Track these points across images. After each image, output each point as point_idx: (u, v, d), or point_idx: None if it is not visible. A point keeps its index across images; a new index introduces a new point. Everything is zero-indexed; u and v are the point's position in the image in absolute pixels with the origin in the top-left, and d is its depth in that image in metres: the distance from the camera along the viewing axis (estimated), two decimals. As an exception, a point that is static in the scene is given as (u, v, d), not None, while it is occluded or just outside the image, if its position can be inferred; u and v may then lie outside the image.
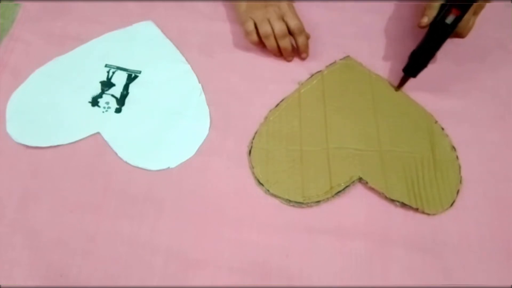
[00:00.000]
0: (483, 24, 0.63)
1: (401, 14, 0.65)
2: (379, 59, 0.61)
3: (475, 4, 0.51)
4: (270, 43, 0.58)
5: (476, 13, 0.54)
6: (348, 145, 0.53)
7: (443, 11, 0.51)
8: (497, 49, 0.61)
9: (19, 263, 0.46)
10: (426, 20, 0.53)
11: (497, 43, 0.62)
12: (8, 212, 0.48)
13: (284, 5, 0.57)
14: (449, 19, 0.51)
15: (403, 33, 0.63)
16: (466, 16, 0.52)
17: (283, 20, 0.57)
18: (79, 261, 0.46)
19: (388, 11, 0.66)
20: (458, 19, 0.51)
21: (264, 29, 0.57)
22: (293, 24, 0.57)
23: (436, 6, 0.53)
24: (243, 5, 0.60)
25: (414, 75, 0.55)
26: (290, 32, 0.58)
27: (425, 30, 0.53)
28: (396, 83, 0.57)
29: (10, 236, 0.47)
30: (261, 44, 0.59)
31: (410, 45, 0.58)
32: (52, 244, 0.47)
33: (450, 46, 0.62)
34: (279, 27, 0.56)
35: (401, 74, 0.56)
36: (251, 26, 0.57)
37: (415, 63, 0.54)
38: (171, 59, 0.60)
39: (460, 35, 0.55)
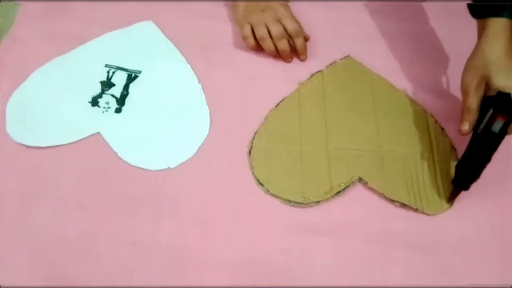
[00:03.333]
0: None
1: (401, 14, 0.65)
2: (379, 59, 0.61)
3: None
4: (267, 45, 0.58)
5: None
6: (348, 145, 0.53)
7: (487, 118, 0.45)
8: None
9: (19, 263, 0.46)
10: (467, 128, 0.47)
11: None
12: (8, 212, 0.48)
13: (280, 8, 0.58)
14: (496, 127, 0.44)
15: (403, 33, 0.63)
16: None
17: (281, 23, 0.57)
18: (79, 261, 0.46)
19: (388, 11, 0.66)
20: (506, 124, 0.44)
21: (260, 32, 0.57)
22: (290, 26, 0.57)
23: (474, 109, 0.46)
24: (241, 10, 0.60)
25: (466, 188, 0.48)
26: (288, 35, 0.58)
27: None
28: (396, 82, 0.57)
29: (10, 236, 0.47)
30: (259, 48, 0.59)
31: (410, 45, 0.58)
32: (52, 244, 0.47)
33: (450, 46, 0.62)
34: (276, 29, 0.57)
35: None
36: (248, 31, 0.58)
37: (465, 175, 0.47)
38: (171, 59, 0.60)
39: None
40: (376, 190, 0.50)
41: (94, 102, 0.56)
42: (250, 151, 0.53)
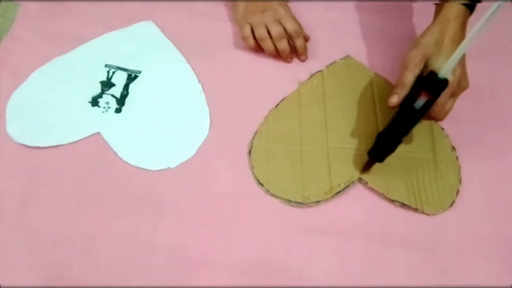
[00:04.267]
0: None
1: (401, 14, 0.65)
2: (379, 59, 0.61)
3: (451, 87, 0.45)
4: (267, 45, 0.58)
5: (454, 95, 0.48)
6: (348, 145, 0.53)
7: (413, 92, 0.45)
8: (497, 49, 0.61)
9: (19, 263, 0.46)
10: (395, 100, 0.47)
11: (497, 43, 0.62)
12: (8, 212, 0.48)
13: (280, 9, 0.58)
14: (419, 103, 0.44)
15: (403, 33, 0.63)
16: (442, 99, 0.45)
17: (280, 23, 0.57)
18: (79, 261, 0.46)
19: (388, 11, 0.66)
20: (429, 103, 0.44)
21: (260, 32, 0.57)
22: (290, 27, 0.57)
23: (407, 84, 0.47)
24: (241, 10, 0.60)
25: (381, 160, 0.49)
26: (288, 35, 0.58)
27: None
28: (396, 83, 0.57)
29: (10, 236, 0.47)
30: (259, 48, 0.59)
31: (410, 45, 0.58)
32: (52, 244, 0.47)
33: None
34: (276, 30, 0.57)
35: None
36: (247, 32, 0.58)
37: (381, 147, 0.48)
38: (171, 59, 0.60)
39: (436, 119, 0.48)
40: (376, 190, 0.50)
41: (94, 102, 0.56)
42: (250, 151, 0.53)
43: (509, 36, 0.63)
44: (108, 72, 0.58)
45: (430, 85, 0.44)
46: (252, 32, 0.58)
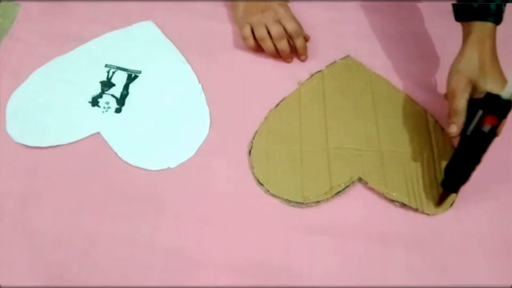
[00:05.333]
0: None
1: (401, 14, 0.65)
2: (379, 59, 0.61)
3: None
4: (267, 45, 0.58)
5: None
6: (348, 145, 0.53)
7: (477, 119, 0.44)
8: (497, 49, 0.61)
9: (19, 263, 0.46)
10: (455, 130, 0.46)
11: (497, 43, 0.62)
12: (8, 212, 0.48)
13: (280, 9, 0.58)
14: (486, 128, 0.43)
15: (403, 33, 0.63)
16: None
17: (280, 23, 0.57)
18: (79, 261, 0.46)
19: (388, 11, 0.66)
20: (495, 125, 0.43)
21: (260, 32, 0.57)
22: (290, 27, 0.57)
23: (462, 112, 0.46)
24: (241, 10, 0.60)
25: (456, 191, 0.48)
26: (288, 36, 0.58)
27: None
28: (396, 82, 0.57)
29: (10, 236, 0.47)
30: (259, 48, 0.59)
31: (410, 45, 0.58)
32: (52, 244, 0.47)
33: (450, 46, 0.62)
34: (276, 30, 0.57)
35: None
36: (247, 32, 0.58)
37: (455, 178, 0.47)
38: (171, 59, 0.60)
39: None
40: (376, 190, 0.50)
41: (94, 102, 0.56)
42: (250, 151, 0.53)
43: (509, 36, 0.63)
44: (108, 72, 0.58)
45: (496, 108, 0.44)
46: (252, 32, 0.58)
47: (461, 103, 0.46)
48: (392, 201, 0.49)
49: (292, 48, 0.59)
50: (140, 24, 0.63)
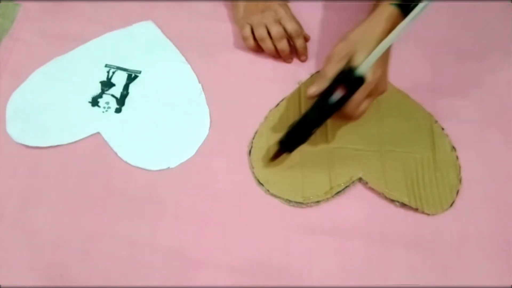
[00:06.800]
0: (483, 24, 0.63)
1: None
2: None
3: (367, 86, 0.45)
4: (267, 46, 0.58)
5: (370, 96, 0.49)
6: (348, 145, 0.53)
7: (330, 86, 0.45)
8: (497, 49, 0.61)
9: (19, 263, 0.46)
10: (313, 91, 0.47)
11: (497, 43, 0.62)
12: (8, 212, 0.48)
13: (280, 9, 0.58)
14: (334, 98, 0.45)
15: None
16: (357, 97, 0.46)
17: (280, 24, 0.57)
18: (79, 261, 0.46)
19: (388, 11, 0.65)
20: (343, 99, 0.45)
21: (259, 32, 0.57)
22: (290, 27, 0.57)
23: (328, 77, 0.46)
24: (241, 10, 0.60)
25: (290, 150, 0.49)
26: (288, 36, 0.58)
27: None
28: (396, 82, 0.57)
29: (10, 236, 0.47)
30: (259, 49, 0.59)
31: (411, 45, 0.58)
32: (52, 244, 0.47)
33: (450, 45, 0.62)
34: (276, 30, 0.57)
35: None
36: (247, 32, 0.58)
37: (293, 138, 0.48)
38: (171, 59, 0.60)
39: (349, 117, 0.49)
40: (376, 190, 0.50)
41: (94, 102, 0.56)
42: (250, 151, 0.53)
43: (509, 36, 0.63)
44: (108, 72, 0.58)
45: (347, 80, 0.45)
46: (252, 32, 0.58)
47: (332, 69, 0.47)
48: (392, 201, 0.49)
49: (292, 48, 0.59)
50: (140, 24, 0.63)
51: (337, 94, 0.45)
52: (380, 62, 0.45)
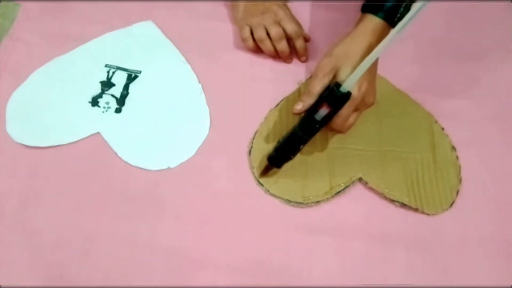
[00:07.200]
0: (483, 24, 0.63)
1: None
2: (379, 59, 0.60)
3: (353, 102, 0.46)
4: (266, 46, 0.58)
5: (358, 110, 0.49)
6: (348, 145, 0.53)
7: (316, 102, 0.46)
8: (497, 49, 0.61)
9: (19, 263, 0.46)
10: (299, 108, 0.47)
11: (497, 43, 0.62)
12: (8, 212, 0.48)
13: (280, 11, 0.58)
14: (320, 114, 0.45)
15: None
16: (344, 112, 0.46)
17: (280, 25, 0.57)
18: (79, 261, 0.46)
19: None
20: (329, 115, 0.45)
21: (258, 33, 0.57)
22: (289, 28, 0.57)
23: (314, 94, 0.46)
24: (240, 11, 0.60)
25: (278, 166, 0.50)
26: (288, 37, 0.58)
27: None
28: (396, 82, 0.57)
29: (10, 236, 0.47)
30: (258, 50, 0.59)
31: (411, 45, 0.58)
32: (52, 244, 0.47)
33: (449, 45, 0.62)
34: (275, 31, 0.57)
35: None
36: (247, 33, 0.58)
37: (280, 154, 0.48)
38: (171, 59, 0.60)
39: (337, 131, 0.50)
40: (376, 190, 0.50)
41: (94, 102, 0.56)
42: (250, 151, 0.53)
43: (509, 36, 0.63)
44: (108, 72, 0.58)
45: (332, 97, 0.44)
46: (252, 33, 0.58)
47: (318, 86, 0.46)
48: (392, 201, 0.49)
49: (292, 49, 0.59)
50: (140, 24, 0.63)
51: (324, 110, 0.45)
52: (366, 76, 0.45)
